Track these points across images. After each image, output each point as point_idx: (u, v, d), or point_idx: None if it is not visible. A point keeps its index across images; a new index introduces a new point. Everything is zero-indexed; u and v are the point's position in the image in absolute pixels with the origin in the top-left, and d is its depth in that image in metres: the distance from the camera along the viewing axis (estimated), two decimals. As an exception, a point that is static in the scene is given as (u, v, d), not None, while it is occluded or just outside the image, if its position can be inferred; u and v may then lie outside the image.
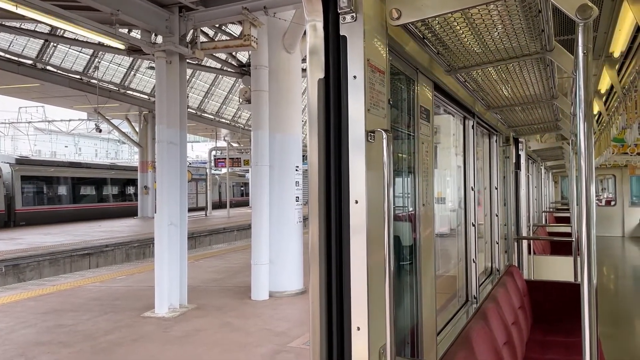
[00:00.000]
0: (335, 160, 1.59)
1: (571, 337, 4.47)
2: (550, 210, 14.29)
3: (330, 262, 1.57)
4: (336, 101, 1.59)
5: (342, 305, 1.57)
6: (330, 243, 1.58)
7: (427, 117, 2.38)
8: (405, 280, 2.32)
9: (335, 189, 1.59)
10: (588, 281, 1.37)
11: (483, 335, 2.94)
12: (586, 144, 1.45)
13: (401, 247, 2.38)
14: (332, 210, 1.58)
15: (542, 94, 3.26)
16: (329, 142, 1.60)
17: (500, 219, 4.67)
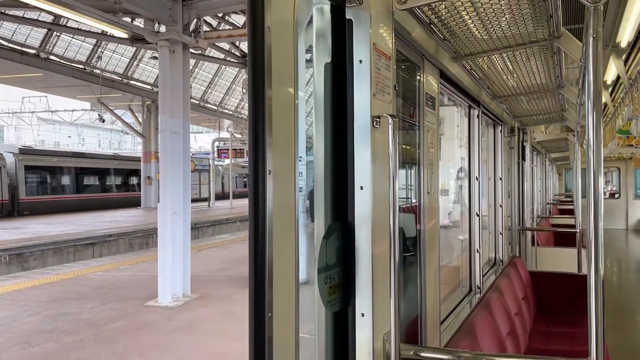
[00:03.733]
0: (341, 146, 1.58)
1: (574, 327, 4.46)
2: (554, 202, 14.26)
3: (336, 249, 1.56)
4: (342, 86, 1.57)
5: (348, 292, 1.57)
6: (335, 229, 1.56)
7: (433, 105, 2.36)
8: (409, 268, 2.31)
9: (341, 175, 1.58)
10: (595, 272, 1.36)
11: (486, 325, 2.94)
12: (595, 134, 1.42)
13: (405, 236, 2.37)
14: (338, 197, 1.57)
15: (548, 83, 3.22)
16: (334, 128, 1.58)
17: (505, 210, 4.65)
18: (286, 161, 1.20)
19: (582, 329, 4.47)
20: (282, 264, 1.19)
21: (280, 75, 1.17)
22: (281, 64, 1.18)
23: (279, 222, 1.17)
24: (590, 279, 1.37)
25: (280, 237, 1.17)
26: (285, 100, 1.20)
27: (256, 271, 1.14)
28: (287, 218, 1.21)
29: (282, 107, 1.18)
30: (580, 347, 3.92)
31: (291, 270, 1.24)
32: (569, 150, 10.09)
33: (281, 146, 1.17)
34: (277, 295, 1.16)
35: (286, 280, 1.22)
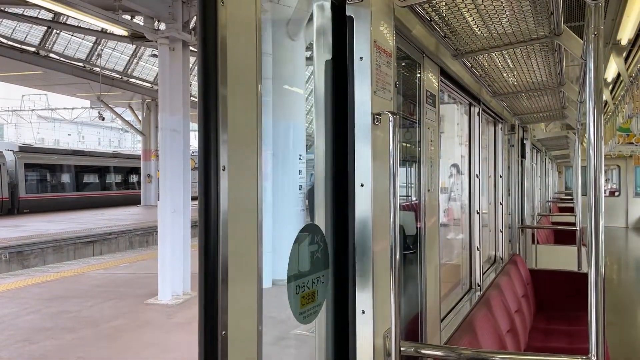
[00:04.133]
0: (342, 143, 1.58)
1: (574, 325, 4.47)
2: (554, 200, 14.26)
3: (336, 247, 1.56)
4: (343, 83, 1.57)
5: (348, 289, 1.57)
6: (337, 228, 1.55)
7: (433, 103, 2.36)
8: (409, 266, 2.31)
9: (342, 173, 1.58)
10: (595, 270, 1.37)
11: (487, 323, 2.94)
12: (596, 132, 1.42)
13: (405, 233, 2.37)
14: (339, 195, 1.56)
15: (549, 81, 3.22)
16: (335, 125, 1.58)
17: (505, 208, 4.65)
18: (245, 156, 1.06)
19: (582, 327, 4.48)
20: (240, 273, 1.03)
21: (238, 58, 1.02)
22: (239, 45, 1.03)
23: (237, 224, 1.02)
24: (590, 276, 1.37)
25: (238, 241, 1.02)
26: (244, 88, 1.06)
27: (207, 281, 0.97)
28: (246, 220, 1.06)
29: (240, 95, 1.04)
30: (580, 345, 3.92)
31: (252, 279, 1.08)
32: (569, 148, 10.09)
33: (239, 139, 1.03)
34: (234, 310, 1.00)
35: (246, 291, 1.05)
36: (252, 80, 1.09)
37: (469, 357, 1.66)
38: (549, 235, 8.24)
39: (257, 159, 1.09)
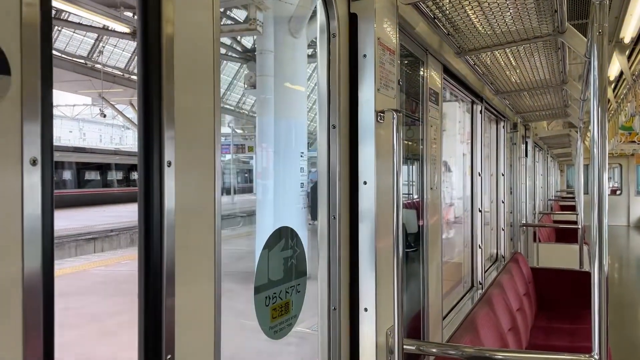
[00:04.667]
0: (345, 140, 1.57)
1: (576, 324, 4.46)
2: (555, 199, 14.25)
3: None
4: (347, 81, 1.56)
5: (351, 287, 1.57)
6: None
7: (436, 100, 2.35)
8: (411, 264, 2.31)
9: (345, 171, 1.57)
10: (599, 269, 1.36)
11: (488, 321, 2.94)
12: (599, 130, 1.41)
13: (407, 231, 2.37)
14: (341, 193, 1.56)
15: (552, 79, 3.21)
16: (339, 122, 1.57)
17: (507, 206, 4.64)
18: (197, 152, 0.94)
19: (584, 325, 4.48)
20: (191, 282, 0.90)
21: (188, 37, 0.91)
22: (190, 25, 0.92)
23: (187, 228, 0.90)
24: (594, 275, 1.37)
25: (188, 248, 0.90)
26: (197, 81, 0.94)
27: (147, 297, 0.83)
28: (199, 222, 0.94)
29: (191, 89, 0.92)
30: (581, 343, 3.92)
31: (207, 290, 0.94)
32: (571, 146, 10.07)
33: (189, 134, 0.92)
34: (182, 329, 0.87)
35: (197, 305, 0.92)
36: (207, 72, 0.97)
37: (471, 355, 1.66)
38: (550, 234, 8.23)
39: (214, 154, 0.98)
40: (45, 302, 0.70)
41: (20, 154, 0.66)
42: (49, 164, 0.71)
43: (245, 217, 20.98)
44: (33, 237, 0.68)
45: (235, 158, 30.94)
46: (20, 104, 0.66)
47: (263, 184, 8.71)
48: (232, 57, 17.79)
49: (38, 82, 0.69)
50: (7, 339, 0.66)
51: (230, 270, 9.22)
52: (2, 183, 0.64)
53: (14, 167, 0.65)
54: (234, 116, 29.23)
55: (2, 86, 0.64)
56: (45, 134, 0.70)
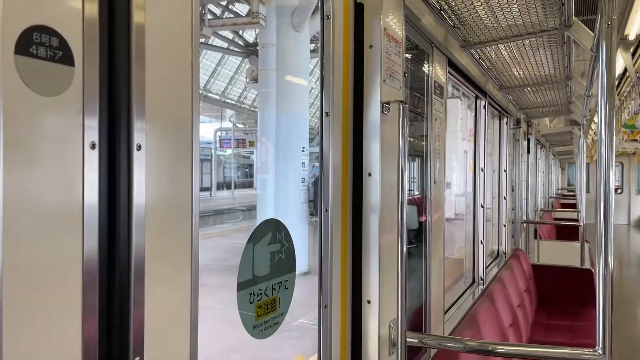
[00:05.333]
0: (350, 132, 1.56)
1: (576, 321, 4.47)
2: (556, 197, 14.25)
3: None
4: (352, 71, 1.55)
5: (354, 280, 1.56)
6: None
7: (441, 94, 2.34)
8: (414, 258, 2.30)
9: (349, 163, 1.56)
10: (604, 265, 1.36)
11: (489, 316, 2.94)
12: (607, 127, 1.40)
13: (409, 228, 2.36)
14: (347, 185, 1.55)
15: (556, 74, 3.20)
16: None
17: (509, 203, 4.64)
18: (172, 134, 0.86)
19: (584, 322, 4.48)
20: (164, 280, 0.85)
21: (161, 22, 0.84)
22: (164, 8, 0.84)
23: (160, 217, 0.83)
24: (599, 271, 1.37)
25: (162, 239, 0.84)
26: (172, 63, 0.86)
27: (112, 293, 0.78)
28: (174, 212, 0.87)
29: (166, 69, 0.85)
30: (581, 340, 3.92)
31: (182, 288, 0.89)
32: (573, 144, 10.05)
33: (163, 120, 0.84)
34: (152, 328, 0.81)
35: (171, 305, 0.86)
36: (184, 52, 0.89)
37: (474, 348, 1.65)
38: (551, 231, 8.23)
39: (191, 139, 0.90)
40: (101, 276, 0.74)
41: (81, 138, 0.72)
42: (105, 148, 0.76)
43: (245, 212, 21.01)
44: (92, 215, 0.73)
45: (236, 153, 30.95)
46: (82, 93, 0.72)
47: (263, 179, 8.71)
48: (233, 52, 17.76)
49: (97, 73, 0.74)
50: (67, 317, 0.70)
51: (230, 264, 9.22)
52: (66, 164, 0.70)
53: (76, 150, 0.71)
54: (235, 110, 29.20)
55: (67, 76, 0.70)
56: (103, 120, 0.75)
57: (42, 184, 0.67)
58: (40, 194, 0.67)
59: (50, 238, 0.68)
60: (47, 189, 0.68)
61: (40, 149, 0.67)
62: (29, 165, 0.65)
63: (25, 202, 0.65)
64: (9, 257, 0.63)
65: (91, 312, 0.73)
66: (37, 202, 0.66)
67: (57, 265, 0.69)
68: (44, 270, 0.67)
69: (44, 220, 0.67)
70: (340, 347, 1.52)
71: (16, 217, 0.64)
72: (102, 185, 0.75)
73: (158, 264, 0.83)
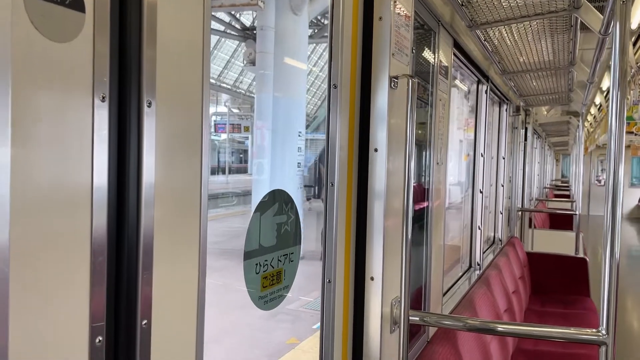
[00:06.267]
0: (358, 106, 1.53)
1: (569, 309, 4.50)
2: (550, 187, 14.33)
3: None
4: (360, 44, 1.52)
5: (357, 256, 1.54)
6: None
7: (446, 74, 2.31)
8: (415, 240, 2.29)
9: (355, 138, 1.53)
10: (610, 256, 1.37)
11: (486, 301, 2.95)
12: (618, 111, 1.37)
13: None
14: (352, 159, 1.52)
15: (560, 60, 3.17)
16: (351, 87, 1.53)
17: (506, 190, 4.64)
18: (182, 93, 0.82)
19: (577, 310, 4.52)
20: (174, 244, 0.82)
21: None
22: None
23: (171, 179, 0.80)
24: (605, 258, 1.38)
25: (172, 199, 0.81)
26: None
27: (120, 263, 0.75)
28: (185, 174, 0.83)
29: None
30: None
31: (191, 255, 0.86)
32: (569, 135, 10.07)
33: (175, 68, 0.81)
34: (161, 296, 0.79)
35: (179, 271, 0.83)
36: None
37: (475, 327, 1.65)
38: (545, 220, 8.28)
39: (201, 98, 0.86)
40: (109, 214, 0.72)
41: (92, 89, 0.68)
42: (115, 101, 0.72)
43: (240, 196, 20.97)
44: (101, 168, 0.70)
45: (230, 138, 30.81)
46: (93, 41, 0.68)
47: (259, 163, 8.67)
48: (230, 35, 17.57)
49: (107, 22, 0.70)
50: (76, 278, 0.68)
51: (224, 247, 9.21)
52: (76, 115, 0.67)
53: (86, 102, 0.68)
54: (230, 95, 29.00)
55: (78, 22, 0.66)
56: (113, 72, 0.72)
57: (52, 134, 0.64)
58: (49, 144, 0.64)
59: (59, 196, 0.65)
60: (56, 139, 0.65)
61: (50, 97, 0.63)
62: (38, 112, 0.62)
63: (34, 152, 0.62)
64: (16, 181, 0.60)
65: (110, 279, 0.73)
66: (46, 152, 0.63)
67: (66, 222, 0.66)
68: (53, 228, 0.64)
69: (52, 169, 0.64)
70: (343, 323, 1.51)
71: (25, 163, 0.61)
72: (112, 140, 0.72)
73: (166, 226, 0.80)
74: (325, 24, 13.68)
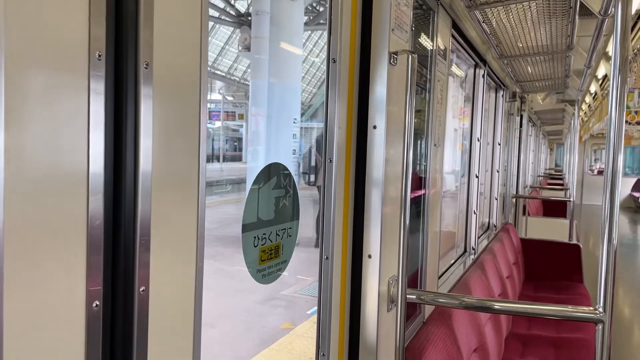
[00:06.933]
0: (357, 83, 1.51)
1: (562, 294, 4.54)
2: (544, 175, 14.40)
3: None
4: (360, 18, 1.49)
5: (355, 233, 1.53)
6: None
7: (444, 55, 2.29)
8: (412, 219, 2.28)
9: (353, 114, 1.52)
10: (609, 237, 1.37)
11: (480, 284, 2.96)
12: (618, 101, 1.36)
13: None
14: (351, 136, 1.51)
15: (558, 44, 3.16)
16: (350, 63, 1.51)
17: (501, 176, 4.65)
18: (180, 55, 0.81)
19: (570, 295, 4.55)
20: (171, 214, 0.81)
21: None
22: None
23: (169, 137, 0.79)
24: (604, 241, 1.38)
25: (169, 173, 0.80)
26: None
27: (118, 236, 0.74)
28: (183, 135, 0.82)
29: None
30: (567, 312, 3.98)
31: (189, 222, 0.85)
32: (563, 123, 10.10)
33: (173, 30, 0.79)
34: (159, 264, 0.79)
35: (176, 241, 0.83)
36: None
37: (472, 305, 1.65)
38: (538, 208, 8.32)
39: (200, 60, 0.84)
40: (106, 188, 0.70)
41: (87, 45, 0.67)
42: (112, 61, 0.71)
43: (234, 184, 20.92)
44: (98, 125, 0.68)
45: (224, 126, 30.65)
46: None
47: (254, 150, 8.63)
48: (225, 21, 17.39)
49: None
50: (74, 256, 0.66)
51: (218, 234, 9.20)
52: (72, 73, 0.65)
53: (82, 59, 0.66)
54: (225, 82, 28.80)
55: None
56: (110, 31, 0.70)
57: (47, 88, 0.62)
58: (46, 97, 0.62)
59: (54, 159, 0.63)
60: (52, 94, 0.63)
61: (45, 51, 0.61)
62: (33, 67, 0.60)
63: (30, 104, 0.60)
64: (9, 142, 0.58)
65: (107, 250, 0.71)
66: (41, 103, 0.61)
67: (63, 188, 0.65)
68: (50, 195, 0.63)
69: (47, 125, 0.62)
70: (340, 301, 1.50)
71: (20, 120, 0.59)
72: (109, 101, 0.70)
73: (164, 189, 0.79)
74: (320, 10, 13.57)
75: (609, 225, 1.37)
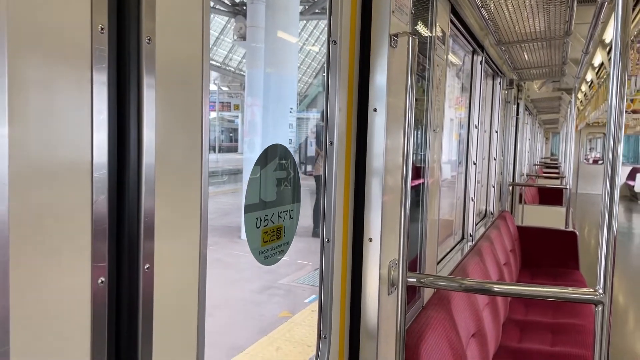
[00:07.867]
0: (358, 65, 1.50)
1: (558, 281, 4.57)
2: (540, 164, 14.44)
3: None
4: (360, 1, 1.48)
5: (355, 217, 1.53)
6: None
7: (443, 40, 2.28)
8: (412, 206, 2.28)
9: (354, 97, 1.51)
10: (608, 229, 1.37)
11: (478, 270, 2.97)
12: (618, 87, 1.35)
13: None
14: (352, 119, 1.50)
15: (555, 30, 3.15)
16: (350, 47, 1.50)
17: (498, 163, 4.65)
18: (182, 30, 0.80)
19: (566, 282, 4.58)
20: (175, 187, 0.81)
21: None
22: None
23: (172, 119, 0.79)
24: (603, 235, 1.38)
25: (171, 161, 0.79)
26: None
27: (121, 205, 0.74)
28: (185, 115, 0.81)
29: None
30: (563, 298, 4.01)
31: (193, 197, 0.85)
32: (559, 112, 10.11)
33: (174, 6, 0.78)
34: (163, 240, 0.79)
35: (178, 203, 0.82)
36: None
37: (472, 287, 1.65)
38: (534, 196, 8.35)
39: (202, 35, 0.84)
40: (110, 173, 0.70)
41: (90, 18, 0.66)
42: (114, 35, 0.70)
43: (230, 175, 20.89)
44: (101, 97, 0.68)
45: (220, 116, 30.51)
46: None
47: (249, 141, 8.61)
48: (220, 11, 17.25)
49: None
50: (78, 247, 0.66)
51: (215, 224, 9.20)
52: (75, 45, 0.65)
53: (85, 32, 0.66)
54: (220, 73, 28.63)
55: None
56: (112, 4, 0.69)
57: (50, 62, 0.61)
58: (48, 70, 0.61)
59: (59, 137, 0.63)
60: (55, 68, 0.62)
61: (47, 26, 0.60)
62: (35, 42, 0.59)
63: (32, 85, 0.59)
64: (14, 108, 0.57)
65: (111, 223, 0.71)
66: (43, 77, 0.60)
67: (68, 163, 0.64)
68: (54, 169, 0.62)
69: (50, 105, 0.62)
70: (341, 284, 1.50)
71: (23, 102, 0.58)
72: (111, 74, 0.69)
73: (168, 164, 0.79)
74: (316, 0, 13.46)
75: (609, 209, 1.38)
